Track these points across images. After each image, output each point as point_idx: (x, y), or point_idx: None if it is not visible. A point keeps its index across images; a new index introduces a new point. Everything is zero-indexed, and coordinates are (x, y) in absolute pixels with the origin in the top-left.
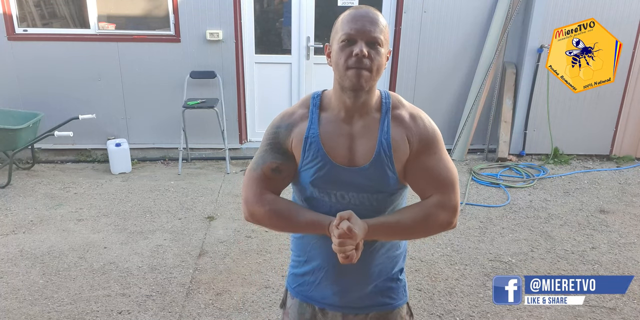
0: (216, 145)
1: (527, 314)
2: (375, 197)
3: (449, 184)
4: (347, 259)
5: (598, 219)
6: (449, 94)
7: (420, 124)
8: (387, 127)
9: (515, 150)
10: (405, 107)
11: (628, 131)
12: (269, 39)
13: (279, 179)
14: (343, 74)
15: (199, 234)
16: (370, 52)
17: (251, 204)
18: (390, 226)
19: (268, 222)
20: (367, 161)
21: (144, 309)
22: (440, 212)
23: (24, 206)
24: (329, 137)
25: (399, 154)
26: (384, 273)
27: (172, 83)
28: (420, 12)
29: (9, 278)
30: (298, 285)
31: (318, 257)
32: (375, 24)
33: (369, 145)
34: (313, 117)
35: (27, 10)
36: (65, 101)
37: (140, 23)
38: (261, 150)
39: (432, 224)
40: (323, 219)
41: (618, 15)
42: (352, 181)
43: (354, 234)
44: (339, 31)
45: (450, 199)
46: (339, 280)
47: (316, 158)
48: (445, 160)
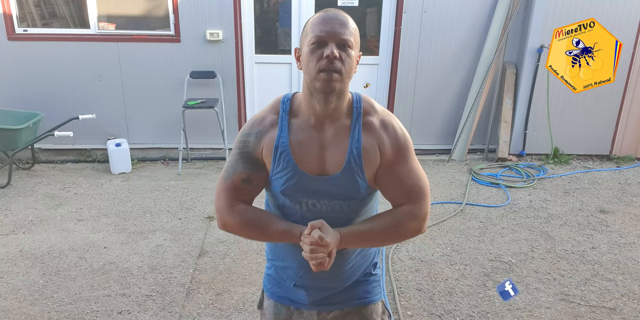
0: (216, 145)
1: (527, 314)
2: (347, 204)
3: (420, 193)
4: (320, 266)
5: (598, 219)
6: (449, 94)
7: (392, 131)
8: (358, 135)
9: (515, 150)
10: (377, 112)
11: (628, 131)
12: (269, 39)
13: (249, 188)
14: (314, 77)
15: (199, 234)
16: (341, 54)
17: (223, 214)
18: (362, 235)
19: (240, 232)
20: (337, 170)
21: (144, 309)
22: (410, 220)
23: (24, 206)
24: (299, 145)
25: (369, 162)
26: (358, 271)
27: (172, 83)
28: (420, 12)
29: (9, 278)
30: (273, 286)
31: (292, 262)
32: (345, 26)
33: (340, 154)
34: (283, 123)
35: (27, 10)
36: (65, 101)
37: (140, 23)
38: (232, 159)
39: (403, 232)
40: (294, 228)
41: (618, 15)
42: (322, 190)
43: (326, 243)
44: (309, 34)
45: (421, 208)
46: (313, 283)
47: (286, 168)
48: (416, 169)
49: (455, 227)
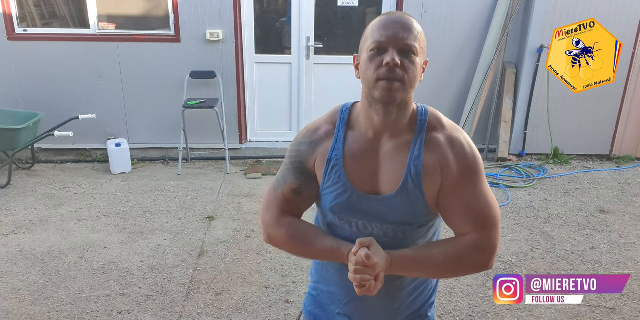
0: (216, 145)
1: (527, 314)
2: (402, 230)
3: (489, 222)
4: (364, 290)
5: (598, 219)
6: (449, 94)
7: (459, 150)
8: (419, 152)
9: (515, 150)
10: (444, 128)
11: (628, 131)
12: (269, 39)
13: (299, 200)
14: (372, 86)
15: (199, 234)
16: (404, 61)
17: (269, 226)
18: (417, 262)
19: (285, 246)
20: (393, 189)
21: (144, 309)
22: (476, 253)
23: (24, 206)
24: (354, 160)
25: (429, 183)
26: (411, 308)
27: (172, 83)
28: (420, 12)
29: (9, 278)
30: (314, 308)
31: (337, 287)
32: (409, 31)
33: (397, 172)
34: (339, 135)
35: (27, 10)
36: (65, 101)
37: (140, 23)
38: (283, 168)
39: (466, 265)
40: (343, 246)
41: (618, 15)
42: (375, 211)
43: (373, 263)
44: (369, 39)
45: (490, 239)
46: (359, 314)
47: (337, 183)
48: (486, 194)
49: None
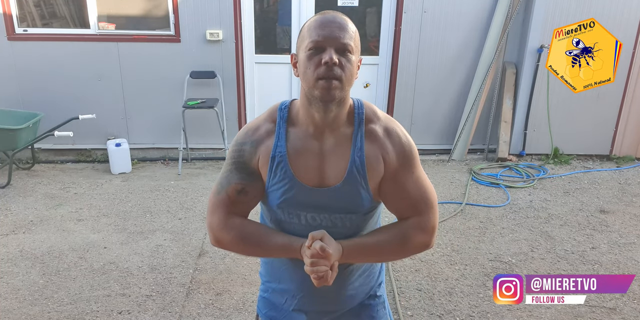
0: (216, 145)
1: (527, 314)
2: (349, 218)
3: (427, 205)
4: (322, 280)
5: (598, 219)
6: (449, 94)
7: (396, 139)
8: (361, 143)
9: (515, 150)
10: (380, 119)
11: (628, 131)
12: (269, 39)
13: (245, 201)
14: (312, 85)
15: (199, 234)
16: (341, 59)
17: (217, 230)
18: (366, 248)
19: (236, 248)
20: (338, 181)
21: (144, 309)
22: (418, 234)
23: (24, 206)
24: (297, 155)
25: (373, 173)
26: (362, 292)
27: (172, 83)
28: (420, 12)
29: (9, 278)
30: (269, 310)
31: (290, 283)
32: (345, 30)
33: (341, 164)
34: (280, 132)
35: (27, 10)
36: (65, 101)
37: (140, 23)
38: (225, 170)
39: (410, 246)
40: (294, 241)
41: (618, 15)
42: (322, 202)
43: (328, 254)
44: (306, 39)
45: (429, 220)
46: (314, 306)
47: (284, 179)
48: (423, 179)
49: (455, 227)
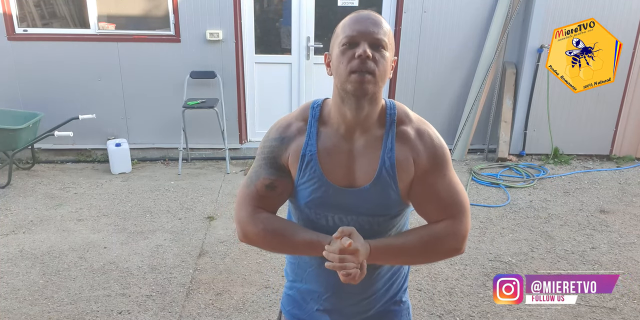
0: (216, 145)
1: (527, 314)
2: (377, 221)
3: (460, 208)
4: (349, 277)
5: (598, 219)
6: (449, 94)
7: (428, 141)
8: (391, 145)
9: (515, 150)
10: (411, 121)
11: (628, 131)
12: (269, 39)
13: (273, 196)
14: (345, 79)
15: (199, 234)
16: (375, 54)
17: (244, 223)
18: (394, 249)
19: (262, 242)
20: (367, 182)
21: (144, 309)
22: (449, 238)
23: (24, 206)
24: (328, 155)
25: (403, 175)
26: (387, 295)
27: (172, 83)
28: (420, 12)
29: (9, 278)
30: (293, 308)
31: (316, 284)
32: (379, 26)
33: (371, 165)
34: (311, 131)
35: (27, 10)
36: (65, 101)
37: (140, 23)
38: (255, 165)
39: (439, 251)
40: (322, 238)
41: (618, 15)
42: (351, 204)
43: (355, 249)
44: (340, 35)
45: (461, 225)
46: (338, 307)
47: (312, 178)
48: (455, 183)
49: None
